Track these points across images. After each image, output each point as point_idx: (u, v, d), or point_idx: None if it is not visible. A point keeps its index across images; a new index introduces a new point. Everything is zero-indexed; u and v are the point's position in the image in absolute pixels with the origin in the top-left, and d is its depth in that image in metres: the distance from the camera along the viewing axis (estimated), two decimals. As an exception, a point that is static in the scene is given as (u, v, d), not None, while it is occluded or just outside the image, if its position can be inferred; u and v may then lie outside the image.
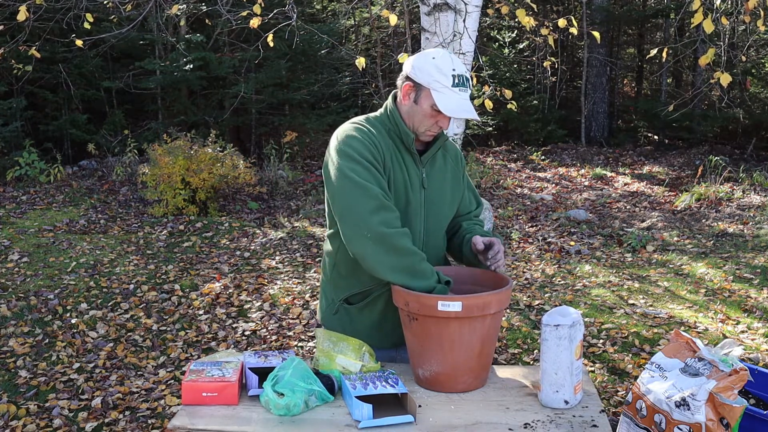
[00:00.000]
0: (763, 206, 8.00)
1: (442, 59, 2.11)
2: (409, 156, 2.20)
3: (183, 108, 10.39)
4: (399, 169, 2.17)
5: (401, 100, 2.18)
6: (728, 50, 5.37)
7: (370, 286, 2.22)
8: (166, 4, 6.14)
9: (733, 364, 1.95)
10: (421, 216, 2.22)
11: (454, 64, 2.11)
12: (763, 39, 12.73)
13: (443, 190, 2.27)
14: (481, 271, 2.25)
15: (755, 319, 4.77)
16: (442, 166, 2.28)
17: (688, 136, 13.29)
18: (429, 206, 2.23)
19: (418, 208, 2.22)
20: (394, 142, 2.19)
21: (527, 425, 1.86)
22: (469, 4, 3.72)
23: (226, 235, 6.85)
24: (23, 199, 7.90)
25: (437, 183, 2.25)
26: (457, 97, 2.09)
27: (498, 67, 13.24)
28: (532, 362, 4.11)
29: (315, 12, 13.33)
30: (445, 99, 2.08)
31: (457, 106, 2.09)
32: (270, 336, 4.61)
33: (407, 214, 2.19)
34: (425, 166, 2.22)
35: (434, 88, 2.09)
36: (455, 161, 2.34)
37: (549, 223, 7.78)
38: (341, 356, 2.07)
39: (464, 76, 2.11)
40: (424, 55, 2.15)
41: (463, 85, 2.09)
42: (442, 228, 2.32)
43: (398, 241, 2.01)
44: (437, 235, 2.29)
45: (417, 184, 2.21)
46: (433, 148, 2.23)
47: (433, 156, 2.25)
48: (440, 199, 2.26)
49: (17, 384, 3.98)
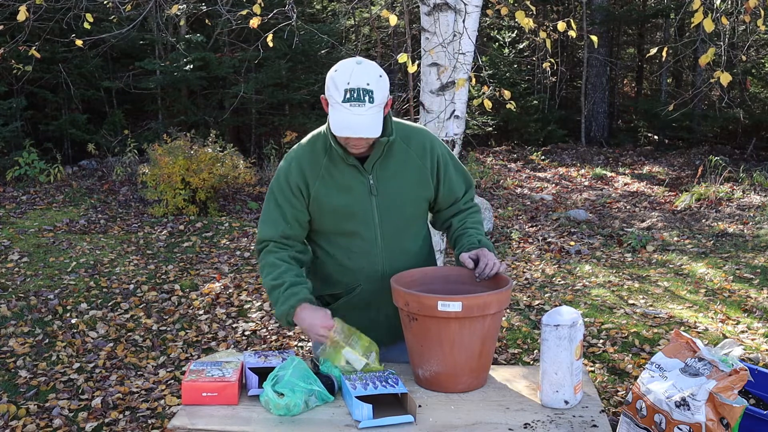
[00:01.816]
0: (763, 206, 8.00)
1: (342, 71, 2.02)
2: (350, 167, 2.16)
3: (183, 108, 10.39)
4: (336, 184, 2.17)
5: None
6: (728, 50, 5.37)
7: (339, 289, 2.29)
8: (166, 4, 6.14)
9: (733, 364, 1.95)
10: (375, 223, 2.20)
11: (353, 76, 1.99)
12: (763, 39, 12.73)
13: (401, 192, 2.21)
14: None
15: (755, 319, 4.77)
16: (400, 166, 2.20)
17: (688, 136, 13.29)
18: (383, 211, 2.20)
19: (368, 216, 2.20)
20: (331, 156, 2.18)
21: (527, 425, 1.86)
22: (469, 4, 3.72)
23: (226, 235, 6.85)
24: (23, 199, 7.90)
25: (391, 186, 2.20)
26: (345, 113, 1.98)
27: (498, 67, 13.24)
28: (532, 362, 4.11)
29: (315, 12, 13.32)
30: (335, 115, 2.02)
31: (341, 124, 2.00)
32: (270, 336, 4.61)
33: (352, 226, 2.20)
34: (372, 173, 2.18)
35: (330, 103, 2.05)
36: (420, 154, 2.22)
37: (549, 223, 7.78)
38: (349, 349, 2.06)
39: (361, 89, 1.98)
40: (333, 67, 2.08)
41: (357, 100, 1.97)
42: (406, 230, 2.28)
43: (261, 275, 2.24)
44: (401, 239, 2.27)
45: (363, 193, 2.18)
46: (375, 153, 2.15)
47: (380, 160, 2.17)
48: (397, 202, 2.21)
49: (17, 384, 3.98)
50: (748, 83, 12.19)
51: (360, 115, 1.99)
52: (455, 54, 3.72)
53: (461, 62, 3.81)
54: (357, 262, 2.24)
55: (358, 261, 2.24)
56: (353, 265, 2.24)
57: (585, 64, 13.91)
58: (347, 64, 2.06)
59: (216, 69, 9.82)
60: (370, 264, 2.23)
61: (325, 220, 2.22)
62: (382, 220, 2.21)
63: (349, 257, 2.24)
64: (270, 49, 7.22)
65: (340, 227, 2.22)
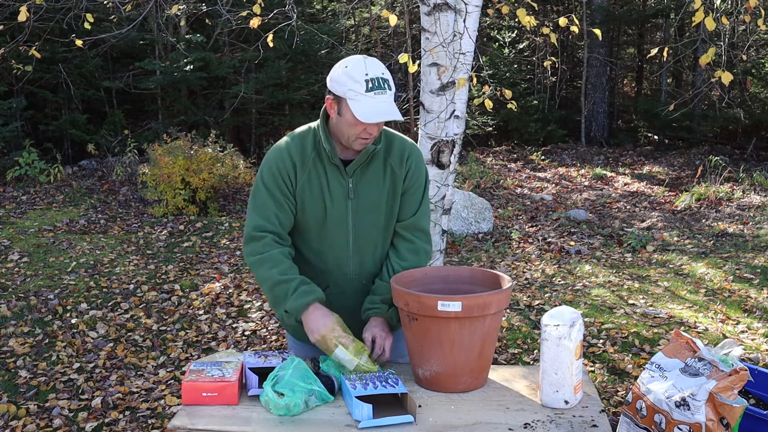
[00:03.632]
0: (763, 206, 8.00)
1: (355, 66, 2.09)
2: (333, 167, 2.20)
3: (183, 108, 10.39)
4: (319, 181, 2.19)
5: (330, 115, 2.18)
6: (728, 50, 5.37)
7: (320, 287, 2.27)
8: (166, 4, 6.14)
9: (733, 364, 1.95)
10: (348, 226, 2.22)
11: (368, 68, 2.07)
12: (763, 39, 12.73)
13: (376, 199, 2.23)
14: (480, 270, 2.25)
15: (755, 319, 4.77)
16: (378, 174, 2.23)
17: (688, 136, 13.29)
18: (357, 216, 2.22)
19: (342, 219, 2.22)
20: (319, 154, 2.20)
21: (527, 425, 1.86)
22: (470, 4, 3.71)
23: (226, 235, 6.85)
24: (23, 199, 7.90)
25: (368, 192, 2.22)
26: (372, 101, 2.05)
27: (498, 67, 13.24)
28: (532, 362, 4.11)
29: (315, 12, 13.32)
30: (360, 106, 2.06)
31: (371, 111, 2.06)
32: (270, 336, 4.61)
33: (327, 227, 2.22)
34: (352, 177, 2.20)
35: (349, 97, 2.07)
36: (399, 164, 2.24)
37: (549, 223, 7.78)
38: (341, 349, 2.07)
39: (380, 78, 2.07)
40: (338, 65, 2.13)
41: (379, 88, 2.06)
42: (377, 237, 2.28)
43: (257, 270, 2.20)
44: (373, 245, 2.28)
45: (341, 195, 2.20)
46: (360, 158, 2.18)
47: (362, 165, 2.20)
48: (372, 209, 2.23)
49: (17, 384, 3.98)
50: (748, 83, 12.19)
51: (385, 102, 2.07)
52: (455, 54, 3.72)
53: (461, 62, 3.81)
54: (327, 263, 2.27)
55: (328, 263, 2.27)
56: (323, 267, 2.28)
57: (585, 64, 13.90)
58: (356, 59, 2.11)
59: (216, 69, 9.82)
60: (339, 267, 2.27)
61: (302, 217, 2.23)
62: (355, 225, 2.23)
63: (321, 258, 2.27)
64: (270, 49, 7.22)
65: (315, 227, 2.24)
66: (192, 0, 8.90)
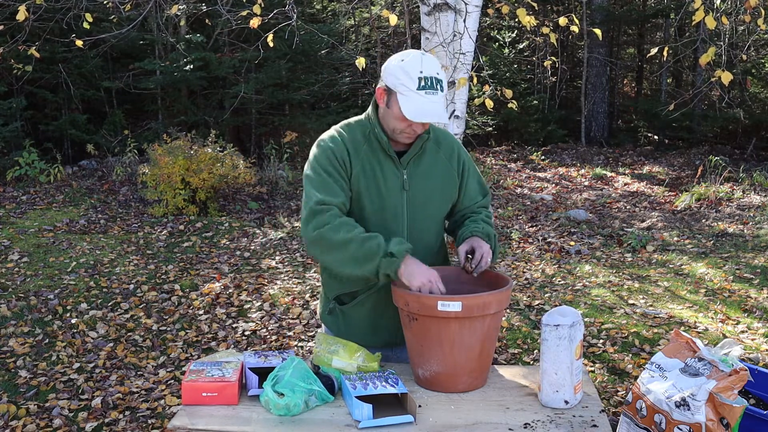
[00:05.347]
0: (763, 206, 8.00)
1: (411, 61, 2.08)
2: (388, 159, 2.19)
3: (183, 108, 10.39)
4: (374, 172, 2.18)
5: (379, 104, 2.18)
6: (728, 50, 5.37)
7: (358, 286, 2.24)
8: (166, 4, 6.14)
9: (733, 364, 1.95)
10: (404, 217, 2.21)
11: (424, 65, 2.06)
12: (763, 39, 12.73)
13: (430, 191, 2.24)
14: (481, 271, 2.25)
15: (755, 319, 4.76)
16: (431, 165, 2.25)
17: (688, 136, 13.29)
18: (412, 208, 2.22)
19: (398, 210, 2.21)
20: (371, 145, 2.19)
21: (527, 425, 1.86)
22: (469, 4, 3.72)
23: (226, 235, 6.85)
24: (23, 199, 7.90)
25: (422, 184, 2.23)
26: (421, 100, 2.05)
27: (498, 67, 13.24)
28: (532, 362, 4.11)
29: (315, 12, 13.32)
30: (409, 102, 2.06)
31: (418, 110, 2.06)
32: (270, 336, 4.61)
33: (384, 217, 2.20)
34: (407, 168, 2.21)
35: (400, 92, 2.07)
36: (448, 156, 2.29)
37: (549, 223, 7.78)
38: (337, 358, 2.07)
39: (434, 78, 2.07)
40: (395, 57, 2.13)
41: (431, 88, 2.05)
42: (431, 228, 2.29)
43: (332, 237, 2.05)
44: (425, 236, 2.28)
45: (396, 186, 2.20)
46: (413, 149, 2.20)
47: (416, 157, 2.22)
48: (426, 200, 2.24)
49: (17, 384, 3.98)
50: (748, 83, 12.19)
51: (434, 102, 2.07)
52: (455, 54, 3.73)
53: (461, 62, 3.81)
54: None
55: None
56: None
57: (585, 64, 13.91)
58: (414, 54, 2.11)
59: (216, 69, 9.82)
60: None
61: (357, 206, 2.20)
62: (411, 216, 2.22)
63: None
64: (270, 49, 7.22)
65: (369, 218, 2.19)
66: (192, 0, 8.90)
